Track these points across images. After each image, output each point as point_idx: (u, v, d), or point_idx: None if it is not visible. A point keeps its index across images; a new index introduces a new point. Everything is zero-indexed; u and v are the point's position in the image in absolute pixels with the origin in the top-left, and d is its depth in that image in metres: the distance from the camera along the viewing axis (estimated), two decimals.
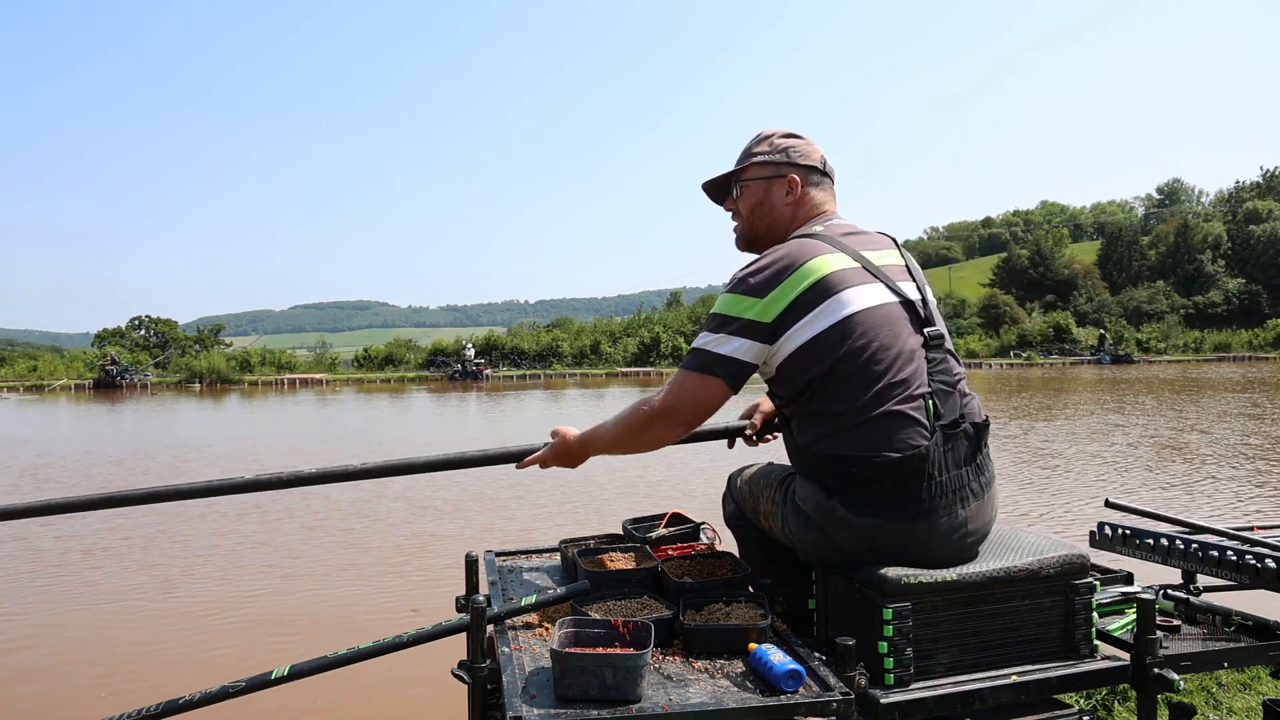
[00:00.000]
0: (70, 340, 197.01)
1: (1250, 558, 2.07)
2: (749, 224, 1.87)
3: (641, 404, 1.70)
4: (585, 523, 6.42)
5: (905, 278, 1.72)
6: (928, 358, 1.63)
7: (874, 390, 1.57)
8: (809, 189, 1.82)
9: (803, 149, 1.83)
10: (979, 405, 1.69)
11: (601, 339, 45.34)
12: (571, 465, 1.94)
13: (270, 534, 6.44)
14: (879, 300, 1.63)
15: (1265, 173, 73.83)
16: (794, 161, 1.81)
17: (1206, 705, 2.81)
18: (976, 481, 1.62)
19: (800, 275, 1.60)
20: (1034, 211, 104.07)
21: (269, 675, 1.53)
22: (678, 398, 1.64)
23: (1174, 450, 10.17)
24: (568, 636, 1.40)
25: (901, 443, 1.55)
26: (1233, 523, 2.55)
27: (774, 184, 1.82)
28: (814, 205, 1.82)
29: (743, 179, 1.86)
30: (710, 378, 1.61)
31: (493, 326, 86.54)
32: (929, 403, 1.59)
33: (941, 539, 1.59)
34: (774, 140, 1.84)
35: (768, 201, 1.83)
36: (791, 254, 1.64)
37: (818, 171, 1.83)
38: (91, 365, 35.09)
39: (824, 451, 1.61)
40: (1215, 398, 18.22)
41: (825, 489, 1.62)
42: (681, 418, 1.65)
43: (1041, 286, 63.35)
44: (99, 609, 4.73)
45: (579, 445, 1.87)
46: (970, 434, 1.61)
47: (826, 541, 1.63)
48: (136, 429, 15.90)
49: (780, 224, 1.82)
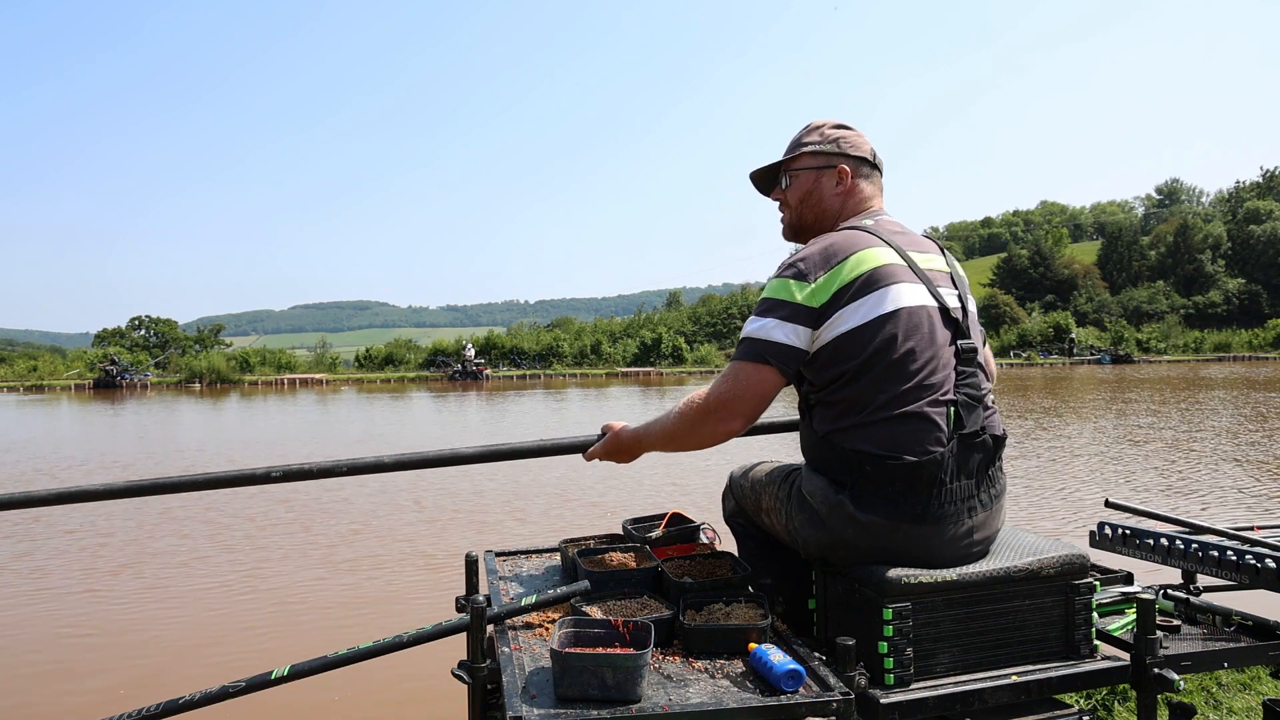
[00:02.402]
0: (70, 340, 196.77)
1: (1250, 558, 2.07)
2: (797, 214, 1.86)
3: (695, 398, 1.66)
4: (585, 523, 6.42)
5: (948, 284, 1.71)
6: (958, 368, 1.62)
7: (902, 389, 1.56)
8: (859, 181, 1.81)
9: (853, 140, 1.82)
10: (1000, 420, 1.69)
11: (602, 339, 45.36)
12: (624, 461, 1.90)
13: (269, 533, 6.44)
14: (921, 302, 1.62)
15: (1265, 173, 73.86)
16: (845, 152, 1.80)
17: (1206, 705, 2.81)
18: (987, 493, 1.62)
19: (851, 264, 1.59)
20: (1034, 211, 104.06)
21: (269, 675, 1.53)
22: (732, 390, 1.60)
23: (1174, 450, 10.17)
24: (568, 636, 1.40)
25: (919, 447, 1.55)
26: (1233, 523, 2.55)
27: (824, 174, 1.81)
28: (863, 198, 1.81)
29: (792, 168, 1.84)
30: (763, 366, 1.58)
31: (493, 326, 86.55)
32: (952, 411, 1.58)
33: (946, 546, 1.59)
34: (825, 130, 1.82)
35: (817, 191, 1.81)
36: (842, 242, 1.64)
37: (868, 163, 1.82)
38: (92, 365, 35.10)
39: (841, 443, 1.61)
40: (1215, 398, 18.22)
41: (835, 483, 1.62)
42: (738, 410, 1.61)
43: (1041, 286, 63.38)
44: (99, 609, 4.73)
45: (631, 441, 1.83)
46: (988, 446, 1.61)
47: (830, 537, 1.62)
48: (143, 432, 15.89)
49: (829, 214, 1.81)
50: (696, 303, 65.91)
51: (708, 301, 62.84)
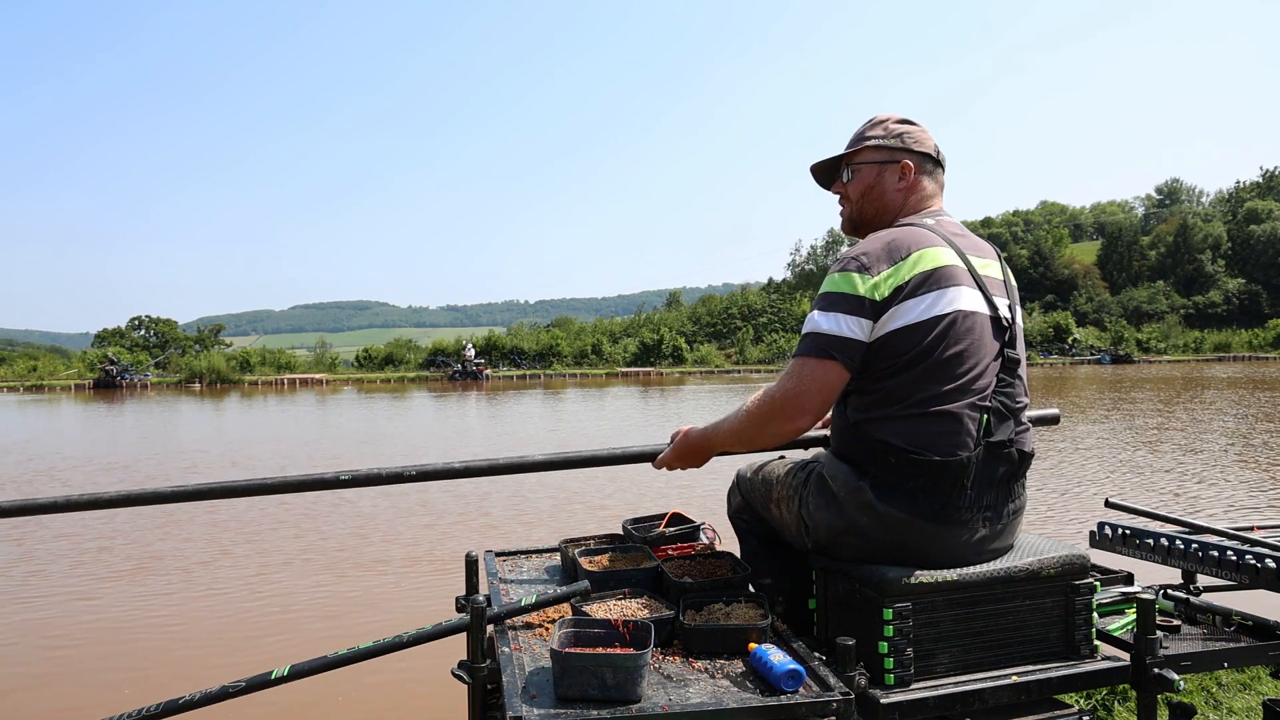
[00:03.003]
0: (70, 340, 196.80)
1: (1250, 558, 2.07)
2: (858, 208, 1.84)
3: (762, 396, 1.65)
4: (585, 523, 6.42)
5: (1001, 293, 1.70)
6: (999, 377, 1.62)
7: (942, 389, 1.57)
8: (921, 177, 1.80)
9: (917, 135, 1.80)
10: (1031, 438, 1.68)
11: (602, 339, 45.37)
12: (696, 464, 1.88)
13: (269, 534, 6.44)
14: (976, 307, 1.62)
15: (1265, 173, 73.83)
16: (909, 148, 1.79)
17: (1206, 705, 2.80)
18: (1006, 505, 1.63)
19: (913, 261, 1.59)
20: (1034, 211, 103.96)
21: (269, 675, 1.53)
22: (798, 385, 1.59)
23: (1174, 450, 10.17)
24: (568, 636, 1.40)
25: (947, 448, 1.55)
26: (1233, 523, 2.54)
27: (887, 169, 1.79)
28: (924, 195, 1.80)
29: (854, 162, 1.83)
30: (828, 361, 1.57)
31: (493, 326, 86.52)
32: (985, 418, 1.58)
33: (957, 550, 1.59)
34: (889, 125, 1.81)
35: (880, 186, 1.80)
36: (905, 238, 1.63)
37: (931, 160, 1.81)
38: (92, 365, 35.10)
39: (870, 432, 1.61)
40: (1215, 397, 18.22)
41: (858, 470, 1.63)
42: (805, 406, 1.59)
43: (1041, 286, 63.37)
44: (99, 609, 4.73)
45: (700, 441, 1.81)
46: (1013, 459, 1.61)
47: (844, 522, 1.62)
48: (145, 432, 15.89)
49: (890, 209, 1.80)
50: (696, 303, 65.91)
51: (708, 301, 62.86)
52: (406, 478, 2.00)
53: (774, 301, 55.76)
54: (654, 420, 16.43)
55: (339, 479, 1.95)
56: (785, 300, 55.24)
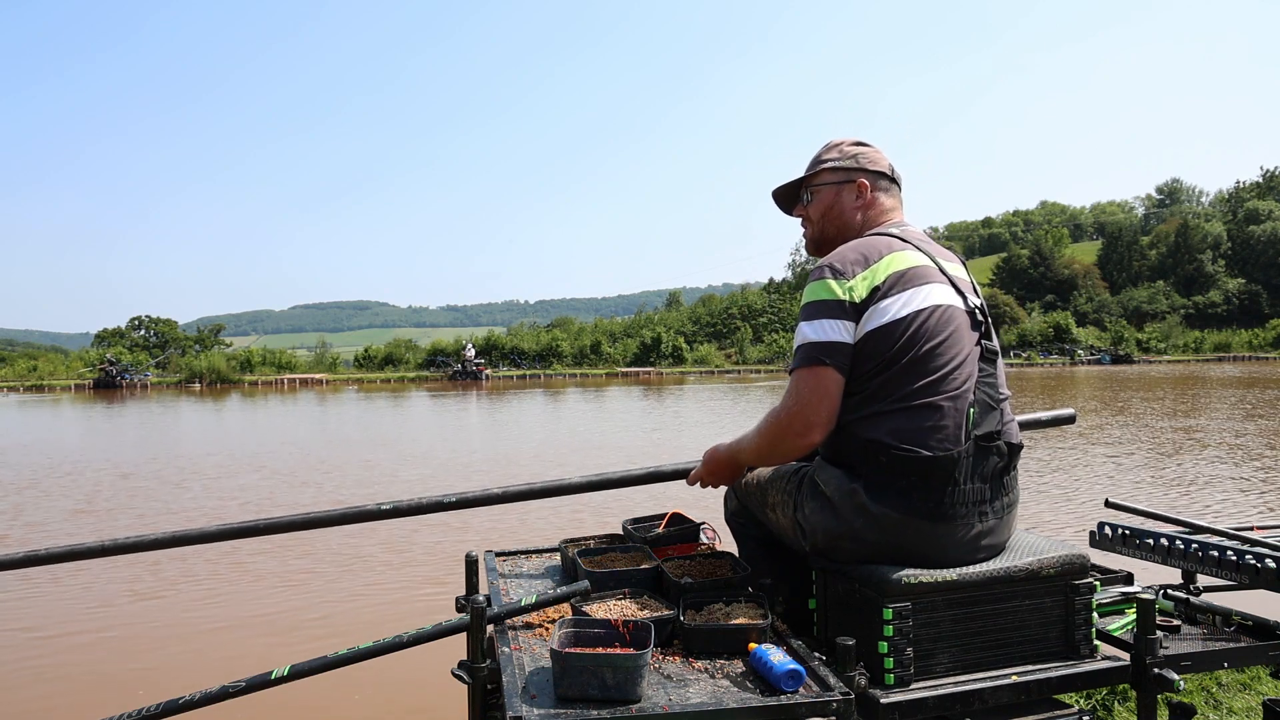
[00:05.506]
0: (70, 340, 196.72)
1: (1250, 558, 2.07)
2: (820, 228, 1.91)
3: (769, 417, 1.69)
4: (585, 523, 6.42)
5: (970, 291, 1.76)
6: (980, 367, 1.66)
7: (924, 383, 1.59)
8: (878, 194, 1.86)
9: (871, 155, 1.88)
10: (1017, 429, 1.71)
11: (602, 339, 45.38)
12: (726, 480, 1.94)
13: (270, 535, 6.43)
14: (950, 301, 1.67)
15: (1265, 173, 73.81)
16: (863, 167, 1.86)
17: (1206, 705, 2.81)
18: (999, 500, 1.64)
19: (887, 261, 1.65)
20: (1034, 211, 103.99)
21: (269, 675, 1.53)
22: (798, 401, 1.63)
23: (1174, 450, 10.17)
24: (568, 636, 1.40)
25: (935, 443, 1.57)
26: (1233, 523, 2.55)
27: (844, 189, 1.87)
28: (883, 210, 1.86)
29: (813, 184, 1.91)
30: (821, 368, 1.61)
31: (493, 326, 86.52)
32: (970, 411, 1.61)
33: (954, 548, 1.59)
34: (843, 147, 1.89)
35: (838, 206, 1.87)
36: (875, 243, 1.69)
37: (885, 178, 1.88)
38: (92, 365, 35.10)
39: (859, 433, 1.63)
40: (1215, 397, 18.22)
41: (851, 474, 1.64)
42: (811, 420, 1.62)
43: (1041, 286, 63.37)
44: (101, 610, 4.73)
45: (727, 456, 1.86)
46: (1003, 452, 1.63)
47: (840, 526, 1.63)
48: (146, 433, 15.88)
49: (850, 228, 1.86)
50: (696, 303, 65.92)
51: (708, 301, 62.88)
52: (446, 505, 2.05)
53: (774, 301, 55.78)
54: (654, 420, 16.44)
55: (380, 510, 2.00)
56: (785, 300, 55.24)
